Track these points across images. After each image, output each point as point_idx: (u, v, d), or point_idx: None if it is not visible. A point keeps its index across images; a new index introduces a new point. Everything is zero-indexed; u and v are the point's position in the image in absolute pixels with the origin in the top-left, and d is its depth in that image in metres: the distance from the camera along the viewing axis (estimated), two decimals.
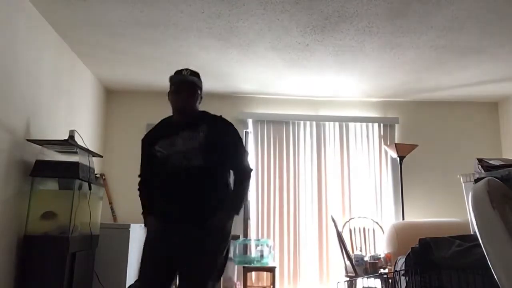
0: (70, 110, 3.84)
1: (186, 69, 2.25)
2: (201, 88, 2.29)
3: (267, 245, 4.43)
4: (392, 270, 3.21)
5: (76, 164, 3.10)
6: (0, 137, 2.71)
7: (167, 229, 2.13)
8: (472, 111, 5.21)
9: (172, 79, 2.25)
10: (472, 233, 2.90)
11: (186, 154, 2.13)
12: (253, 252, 4.50)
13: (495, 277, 1.98)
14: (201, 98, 2.30)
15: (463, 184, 3.16)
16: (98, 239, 3.56)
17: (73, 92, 3.92)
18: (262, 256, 4.35)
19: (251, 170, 2.28)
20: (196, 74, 2.27)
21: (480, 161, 2.88)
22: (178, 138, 2.17)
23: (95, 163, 3.66)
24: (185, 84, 2.22)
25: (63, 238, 2.98)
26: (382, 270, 3.77)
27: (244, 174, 2.24)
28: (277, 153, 4.95)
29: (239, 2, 2.96)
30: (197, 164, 2.12)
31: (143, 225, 2.32)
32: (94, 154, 3.52)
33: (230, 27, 3.30)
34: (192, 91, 2.23)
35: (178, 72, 2.25)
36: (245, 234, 4.69)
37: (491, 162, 2.83)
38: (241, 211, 2.30)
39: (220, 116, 2.30)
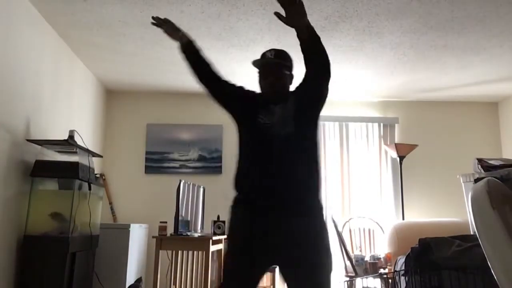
0: (70, 110, 3.84)
1: (270, 50, 2.05)
2: (290, 67, 2.06)
3: None
4: (392, 270, 3.21)
5: (76, 164, 3.10)
6: (0, 137, 2.71)
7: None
8: (472, 111, 5.21)
9: (255, 63, 2.07)
10: (472, 233, 2.90)
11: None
12: None
13: (495, 277, 1.98)
14: (292, 77, 2.07)
15: (463, 184, 3.16)
16: (98, 239, 3.56)
17: (73, 92, 3.92)
18: None
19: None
20: (282, 54, 2.06)
21: (480, 161, 2.88)
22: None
23: (95, 163, 3.66)
24: (270, 67, 2.02)
25: (63, 238, 2.98)
26: (382, 270, 3.77)
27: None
28: None
29: (239, 2, 2.96)
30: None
31: (143, 225, 2.25)
32: (94, 154, 3.52)
33: (230, 27, 3.30)
34: (279, 74, 2.01)
35: (263, 55, 2.05)
36: None
37: (491, 162, 2.84)
38: None
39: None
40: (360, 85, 4.67)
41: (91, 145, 3.86)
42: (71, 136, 3.21)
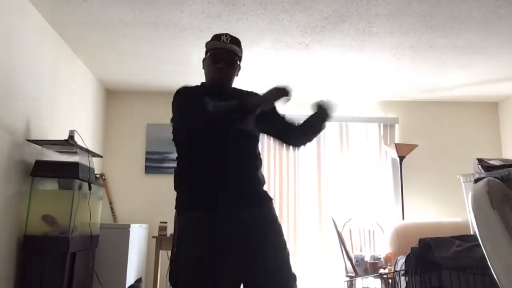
0: (70, 110, 3.84)
1: (226, 34, 1.98)
2: (241, 58, 2.02)
3: None
4: (392, 270, 3.21)
5: (76, 164, 3.10)
6: (0, 137, 2.71)
7: None
8: (472, 111, 5.21)
9: (208, 45, 1.99)
10: (472, 233, 2.90)
11: None
12: None
13: (495, 277, 1.98)
14: (240, 69, 2.04)
15: (463, 184, 3.16)
16: (98, 239, 3.56)
17: (73, 92, 3.92)
18: None
19: None
20: (237, 42, 2.01)
21: (480, 161, 2.88)
22: None
23: (95, 163, 3.66)
24: (223, 53, 1.94)
25: (63, 238, 2.98)
26: (382, 270, 3.77)
27: None
28: (276, 153, 4.95)
29: (239, 2, 2.96)
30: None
31: (143, 225, 2.23)
32: (94, 154, 3.52)
33: (230, 27, 3.30)
34: (231, 61, 1.96)
35: (217, 37, 1.98)
36: None
37: (491, 162, 2.84)
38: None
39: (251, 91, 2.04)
40: (360, 85, 4.67)
41: (91, 145, 3.86)
42: (71, 136, 3.21)
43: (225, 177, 1.83)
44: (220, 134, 1.83)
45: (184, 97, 1.92)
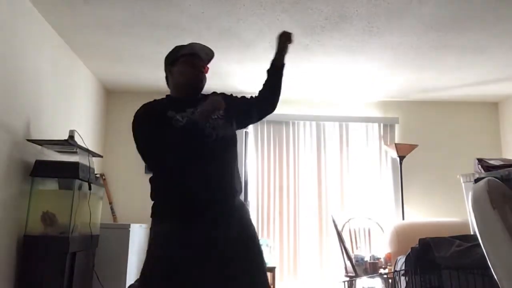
0: (70, 110, 3.84)
1: (198, 43, 1.96)
2: (210, 61, 2.00)
3: (267, 245, 4.42)
4: (392, 270, 3.21)
5: (76, 164, 3.10)
6: (0, 137, 2.71)
7: None
8: (472, 111, 5.21)
9: (181, 49, 1.93)
10: (472, 233, 2.90)
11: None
12: None
13: (495, 277, 1.98)
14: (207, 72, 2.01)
15: (463, 184, 3.16)
16: (98, 239, 3.56)
17: (73, 92, 3.92)
18: None
19: None
20: (211, 50, 1.98)
21: (480, 161, 2.88)
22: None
23: (95, 163, 3.66)
24: (199, 58, 1.92)
25: (63, 238, 2.98)
26: (382, 270, 3.78)
27: None
28: (277, 153, 4.95)
29: (239, 2, 2.96)
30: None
31: (143, 225, 2.21)
32: (94, 154, 3.52)
33: (230, 27, 3.30)
34: (204, 67, 1.95)
35: (186, 45, 1.94)
36: None
37: (491, 162, 2.84)
38: None
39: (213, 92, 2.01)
40: (360, 85, 4.67)
41: (91, 145, 3.86)
42: (71, 136, 3.21)
43: (201, 191, 1.76)
44: (194, 149, 1.76)
45: (143, 128, 1.86)
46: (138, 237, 4.08)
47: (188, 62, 1.91)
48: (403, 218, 4.62)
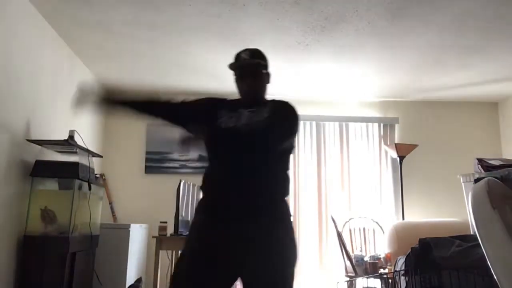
0: (70, 110, 3.83)
1: (245, 51, 2.01)
2: (266, 66, 2.02)
3: None
4: (392, 270, 3.21)
5: (76, 164, 3.10)
6: (0, 137, 2.71)
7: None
8: (472, 111, 5.21)
9: (231, 66, 2.03)
10: (472, 233, 2.90)
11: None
12: None
13: (495, 277, 1.98)
14: (269, 75, 2.04)
15: (463, 184, 3.16)
16: (98, 239, 3.56)
17: (73, 92, 3.91)
18: None
19: None
20: (257, 53, 2.02)
21: (480, 161, 2.88)
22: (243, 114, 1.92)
23: (95, 163, 3.66)
24: (246, 68, 1.99)
25: (63, 238, 2.98)
26: (382, 270, 3.78)
27: None
28: None
29: (239, 3, 2.96)
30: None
31: (143, 225, 2.21)
32: (94, 154, 3.52)
33: (230, 27, 3.30)
34: (256, 73, 1.99)
35: (237, 57, 2.02)
36: None
37: (491, 162, 2.84)
38: None
39: (287, 102, 2.00)
40: (360, 85, 4.67)
41: (91, 145, 3.85)
42: (71, 136, 3.21)
43: (232, 187, 1.78)
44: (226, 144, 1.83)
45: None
46: (138, 237, 4.08)
47: (237, 79, 2.02)
48: (403, 218, 4.62)
